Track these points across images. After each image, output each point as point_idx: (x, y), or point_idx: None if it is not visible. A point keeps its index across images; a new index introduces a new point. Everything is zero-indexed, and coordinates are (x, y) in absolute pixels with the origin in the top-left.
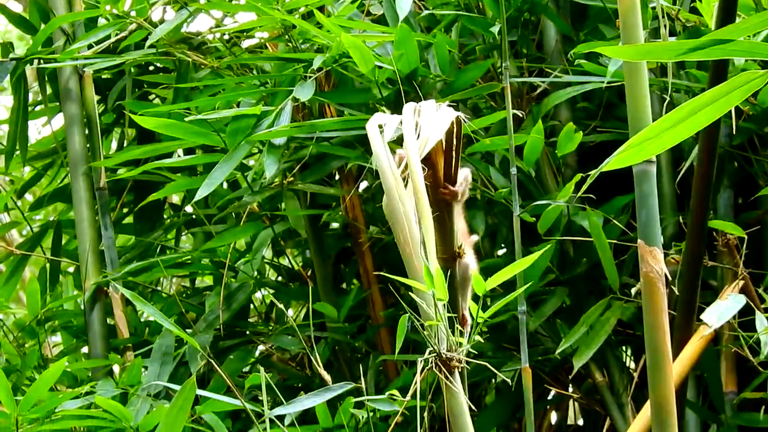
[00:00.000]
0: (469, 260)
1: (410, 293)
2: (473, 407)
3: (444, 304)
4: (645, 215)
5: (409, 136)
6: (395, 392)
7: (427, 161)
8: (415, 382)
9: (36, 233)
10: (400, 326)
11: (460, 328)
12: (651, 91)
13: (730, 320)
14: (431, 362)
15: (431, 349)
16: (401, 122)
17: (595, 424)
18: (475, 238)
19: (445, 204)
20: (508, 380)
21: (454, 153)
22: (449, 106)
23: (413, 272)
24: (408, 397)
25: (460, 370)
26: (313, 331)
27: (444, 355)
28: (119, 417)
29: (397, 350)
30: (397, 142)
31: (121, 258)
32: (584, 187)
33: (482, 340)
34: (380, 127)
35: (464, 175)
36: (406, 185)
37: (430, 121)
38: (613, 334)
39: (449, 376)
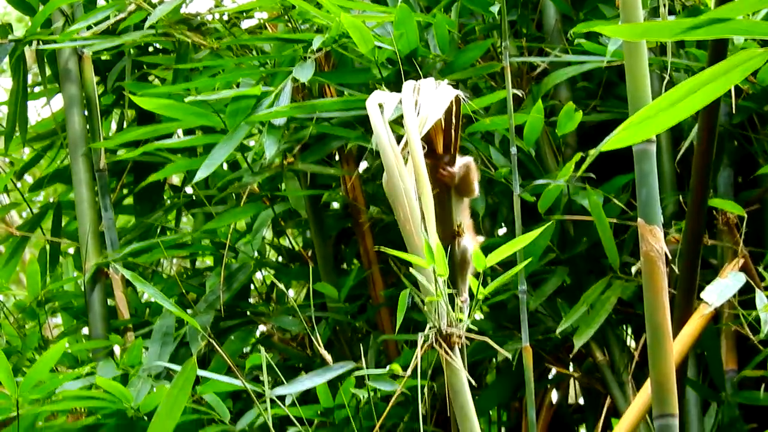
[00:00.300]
0: (471, 244)
1: (410, 270)
2: (473, 383)
3: (444, 280)
4: (645, 194)
5: (409, 113)
6: (396, 366)
7: (427, 142)
8: (415, 357)
9: (36, 214)
10: (400, 302)
11: (460, 303)
12: (651, 70)
13: (730, 299)
14: (431, 338)
15: (431, 324)
16: (401, 100)
17: (595, 403)
18: (481, 239)
19: (445, 185)
20: (509, 356)
21: (453, 132)
22: (449, 85)
23: (414, 249)
24: (408, 373)
25: (460, 345)
26: (313, 312)
27: (444, 331)
28: (120, 398)
29: (397, 326)
30: (397, 121)
31: (122, 239)
32: (584, 167)
33: (482, 316)
34: (380, 105)
35: (464, 162)
36: (406, 163)
37: (429, 98)
38: (614, 312)
39: (449, 351)
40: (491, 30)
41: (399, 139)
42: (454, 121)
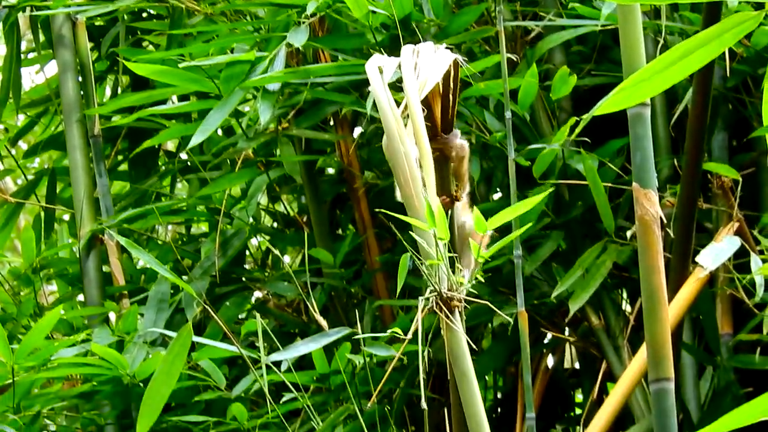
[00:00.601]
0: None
1: (410, 232)
2: (474, 347)
3: (445, 244)
4: (640, 158)
5: (409, 76)
6: (398, 330)
7: (425, 106)
8: (416, 321)
9: (30, 181)
10: (401, 266)
11: (460, 267)
12: (645, 33)
13: (725, 262)
14: (432, 301)
15: (432, 288)
16: (399, 64)
17: (591, 367)
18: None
19: (442, 153)
20: (508, 319)
21: (451, 97)
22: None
23: (414, 212)
24: (408, 337)
25: (460, 309)
26: (309, 277)
27: (445, 295)
28: (115, 364)
29: (398, 290)
30: (392, 86)
31: (116, 205)
32: (578, 130)
33: (482, 280)
34: (379, 68)
35: (462, 145)
36: (405, 126)
37: (429, 62)
38: (609, 277)
39: (450, 315)
40: None
41: (396, 104)
42: (451, 85)
